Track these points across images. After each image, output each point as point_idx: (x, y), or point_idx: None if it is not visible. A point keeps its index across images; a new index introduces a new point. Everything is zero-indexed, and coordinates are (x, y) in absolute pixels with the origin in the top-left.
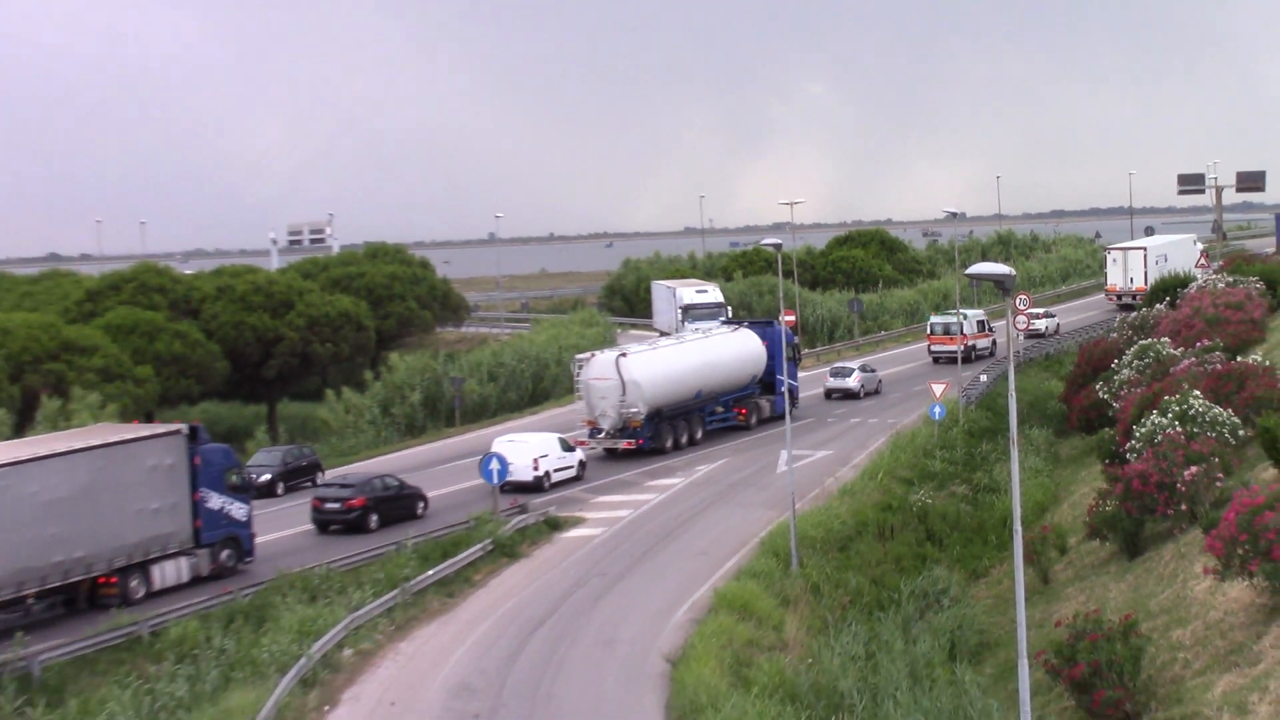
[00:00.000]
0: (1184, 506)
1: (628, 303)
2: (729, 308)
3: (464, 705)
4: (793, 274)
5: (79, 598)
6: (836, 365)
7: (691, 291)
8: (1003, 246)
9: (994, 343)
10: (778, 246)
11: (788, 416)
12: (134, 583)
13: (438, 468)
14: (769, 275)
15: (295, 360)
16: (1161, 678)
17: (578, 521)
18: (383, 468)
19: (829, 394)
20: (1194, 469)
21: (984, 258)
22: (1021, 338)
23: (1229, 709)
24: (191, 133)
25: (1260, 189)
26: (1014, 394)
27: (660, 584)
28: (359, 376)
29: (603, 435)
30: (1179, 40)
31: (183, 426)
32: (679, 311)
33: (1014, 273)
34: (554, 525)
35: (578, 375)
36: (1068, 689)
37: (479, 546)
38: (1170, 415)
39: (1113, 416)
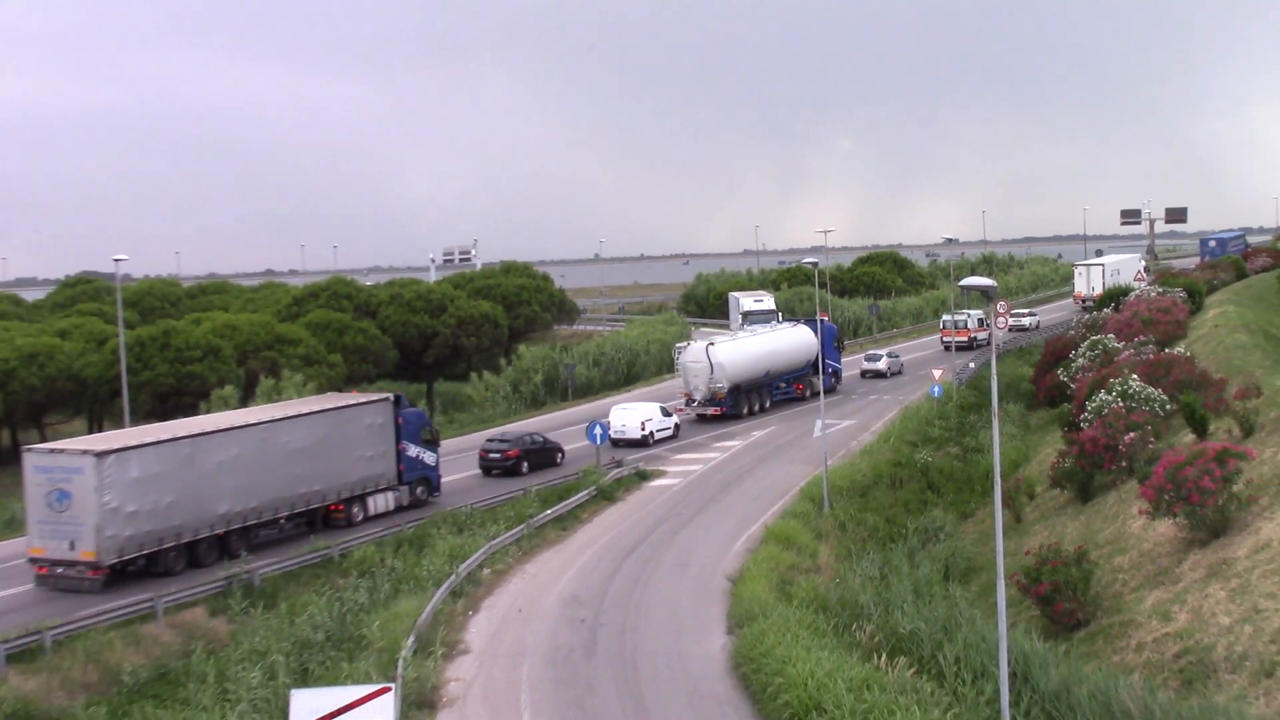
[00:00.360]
0: (1124, 463)
1: (700, 307)
2: (780, 313)
3: (574, 612)
4: (825, 285)
5: (316, 520)
6: (869, 352)
7: (750, 300)
8: (987, 264)
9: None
10: (814, 264)
11: (821, 395)
12: (355, 510)
13: (556, 430)
14: (808, 286)
15: (447, 350)
16: (1106, 593)
17: (660, 474)
18: (517, 431)
19: (864, 374)
20: (1132, 435)
21: (972, 273)
22: (1005, 331)
23: (1156, 617)
24: (370, 177)
25: (1183, 221)
26: (996, 377)
27: (723, 522)
28: (495, 363)
29: (696, 404)
30: (1120, 105)
31: (390, 395)
32: (740, 316)
33: (996, 284)
34: (642, 476)
35: (677, 358)
36: (1034, 602)
37: (585, 492)
38: (1114, 393)
39: (1070, 394)
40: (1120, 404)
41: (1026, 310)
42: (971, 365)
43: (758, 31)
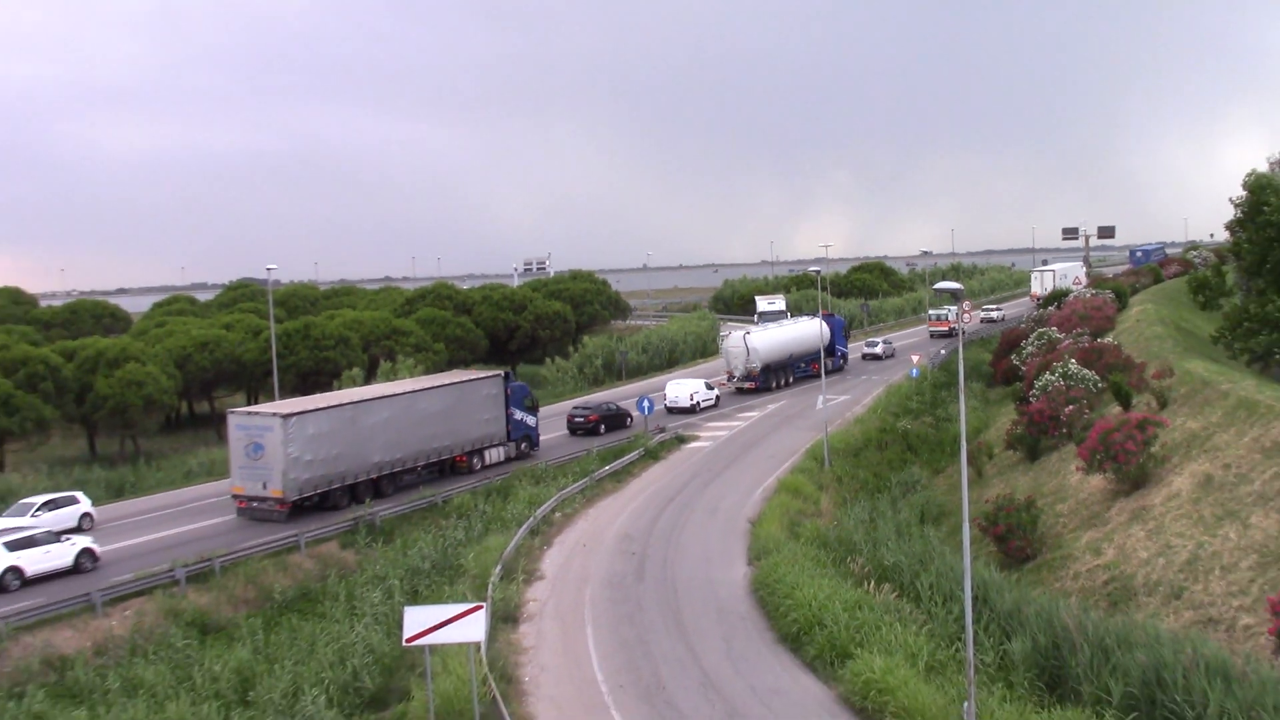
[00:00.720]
0: (1065, 430)
1: (727, 306)
2: (788, 311)
3: (627, 546)
4: (826, 288)
5: (445, 468)
6: (869, 339)
7: (765, 302)
8: (955, 271)
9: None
10: (818, 272)
11: (823, 375)
12: (475, 460)
13: (614, 403)
14: (812, 289)
15: (527, 340)
16: (1049, 534)
17: (695, 438)
18: (597, 400)
19: (864, 357)
20: (1071, 407)
21: (944, 278)
22: (979, 322)
23: (1089, 552)
24: (466, 202)
25: (1112, 237)
26: (963, 361)
27: (745, 476)
28: (565, 350)
29: (735, 380)
30: (1056, 144)
31: (501, 372)
32: (758, 315)
33: (962, 287)
34: (681, 440)
35: (721, 343)
36: (992, 540)
37: (636, 453)
38: (1057, 374)
39: (1021, 375)
40: (1061, 383)
41: (995, 306)
42: (942, 352)
43: (772, 85)
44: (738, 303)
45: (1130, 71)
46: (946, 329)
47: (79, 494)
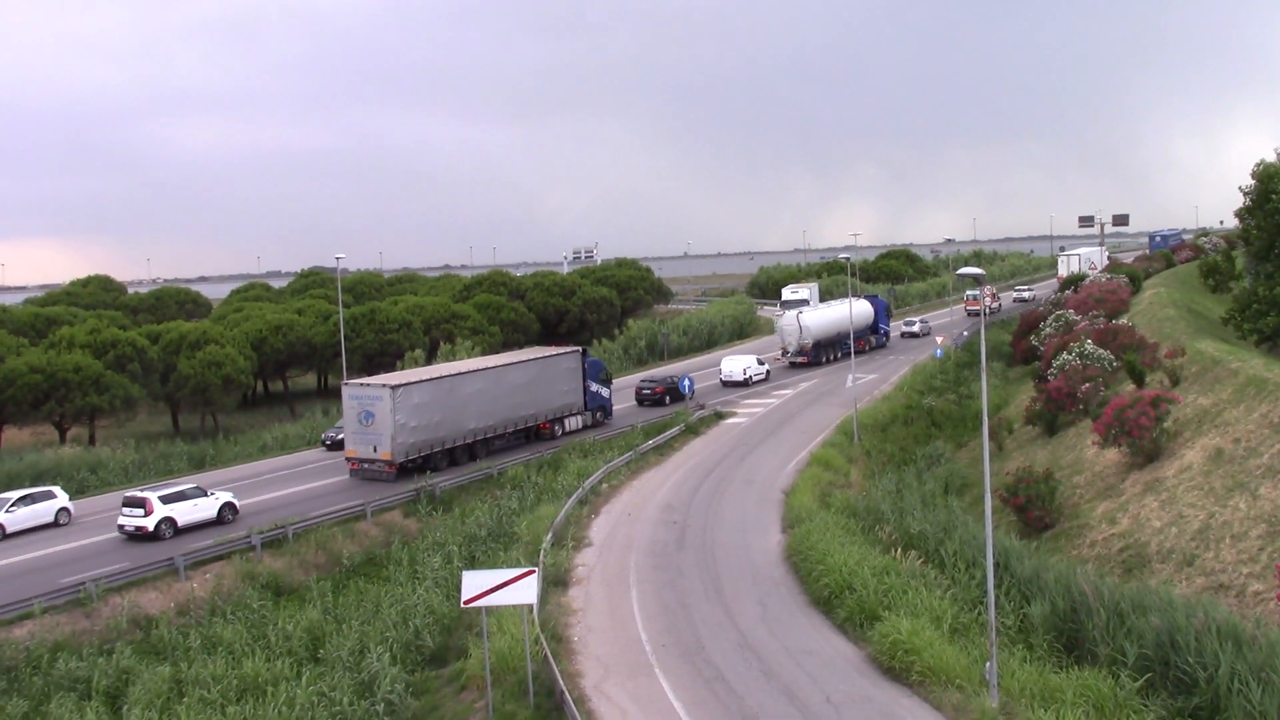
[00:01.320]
0: (1081, 406)
1: (762, 292)
2: (812, 300)
3: (669, 516)
4: (855, 274)
5: (530, 435)
6: (907, 319)
7: (789, 291)
8: (977, 258)
9: (1000, 305)
10: (847, 259)
11: (852, 357)
12: (556, 428)
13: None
14: (842, 275)
15: (576, 323)
16: (1067, 504)
17: (732, 415)
18: (661, 374)
19: (903, 335)
20: (1087, 385)
21: (966, 264)
22: (1012, 301)
23: (1105, 521)
24: (519, 196)
25: (1126, 224)
26: (984, 342)
27: (779, 449)
28: (611, 332)
29: (789, 355)
30: (1076, 133)
31: (580, 348)
32: (781, 303)
33: (984, 273)
34: (720, 416)
35: (777, 322)
36: (1012, 510)
37: (677, 428)
38: (1073, 354)
39: (1040, 355)
40: (1078, 362)
41: (1026, 287)
42: (965, 334)
43: (803, 84)
44: (773, 288)
45: (1142, 65)
46: (977, 309)
47: (56, 489)
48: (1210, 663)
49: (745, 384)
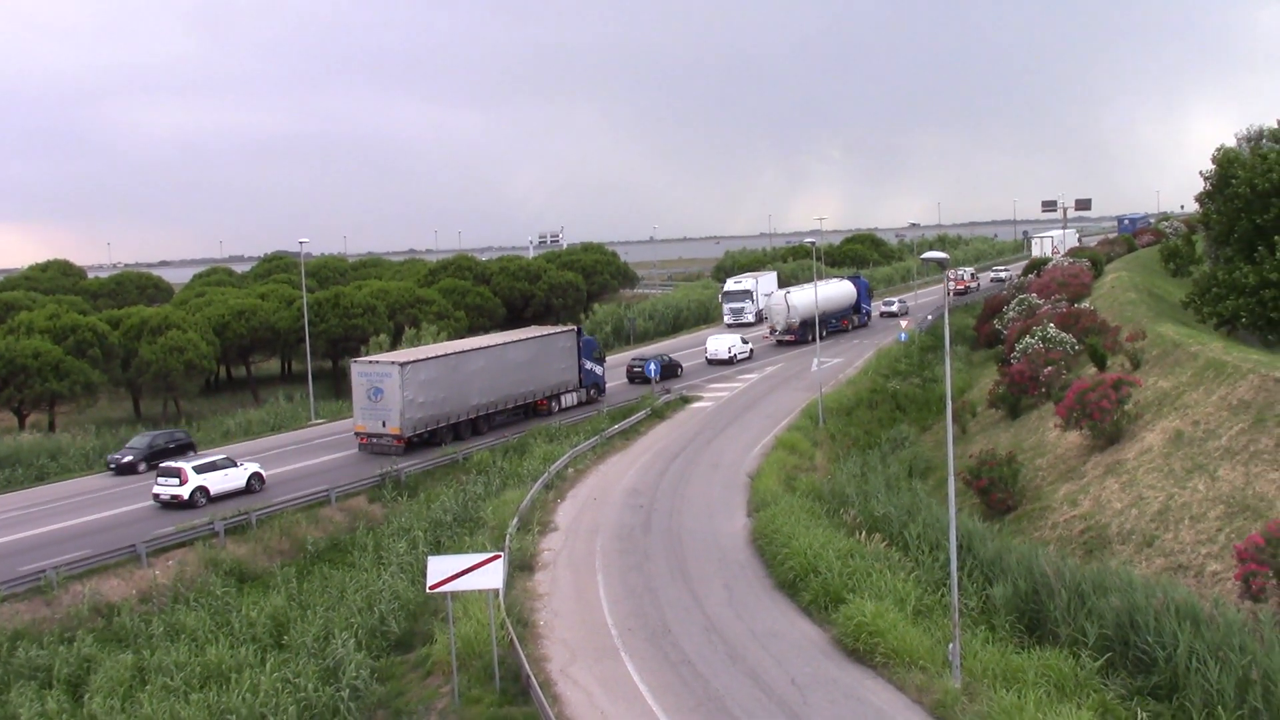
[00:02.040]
0: (1043, 390)
1: (728, 275)
2: (757, 291)
3: (635, 500)
4: (821, 258)
5: (529, 411)
6: (885, 299)
7: (731, 282)
8: (941, 242)
9: (979, 285)
10: (813, 243)
11: (816, 341)
12: (553, 404)
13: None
14: (808, 260)
15: (542, 308)
16: (1029, 486)
17: (699, 399)
18: (653, 352)
19: (882, 314)
20: (1049, 368)
21: (930, 249)
22: (990, 281)
23: (1066, 503)
24: (485, 180)
25: (1089, 209)
26: (948, 326)
27: (745, 433)
28: (577, 317)
29: (777, 333)
30: (1038, 118)
31: (575, 327)
32: (722, 294)
33: (949, 257)
34: (686, 400)
35: (765, 303)
36: (976, 493)
37: (643, 412)
38: (1036, 337)
39: (1003, 339)
40: (1041, 345)
41: (1003, 267)
42: (929, 317)
43: (770, 70)
44: (739, 272)
45: (1104, 51)
46: (963, 288)
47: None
48: (1169, 642)
49: (730, 362)
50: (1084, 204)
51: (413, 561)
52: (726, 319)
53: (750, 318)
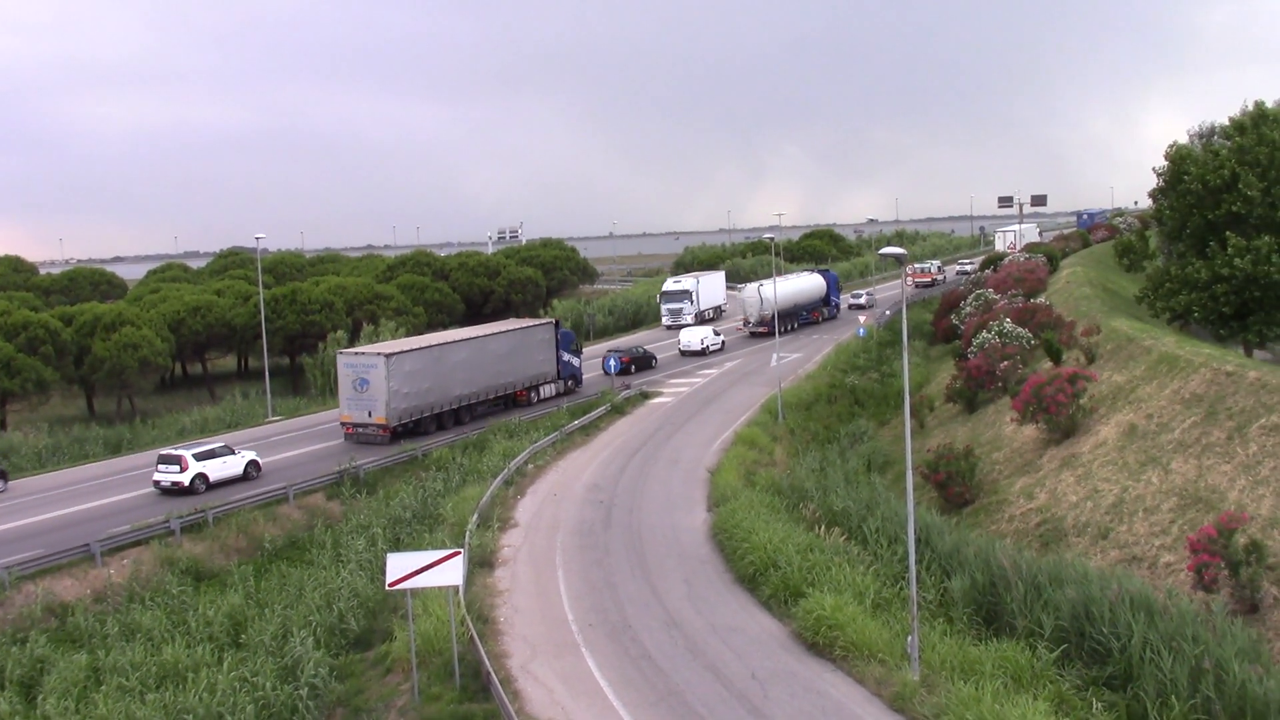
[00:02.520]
0: (1000, 384)
1: (687, 271)
2: (697, 291)
3: (595, 495)
4: (780, 254)
5: (509, 402)
6: (854, 292)
7: (671, 282)
8: (899, 238)
9: (945, 278)
10: (772, 239)
11: (776, 336)
12: (532, 394)
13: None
14: (767, 255)
15: (501, 304)
16: (986, 479)
17: (658, 394)
18: (627, 344)
19: (850, 306)
20: (1005, 363)
21: (888, 244)
22: (955, 274)
23: (1023, 496)
24: (444, 174)
25: (1044, 205)
26: (906, 321)
27: (704, 429)
28: (537, 312)
29: (750, 325)
30: (988, 119)
31: (553, 320)
32: (660, 294)
33: (906, 252)
34: (645, 396)
35: (739, 295)
36: (934, 486)
37: (603, 408)
38: (993, 332)
39: (960, 334)
40: (997, 340)
41: (969, 260)
42: (887, 313)
43: (727, 67)
44: (698, 268)
45: (1056, 48)
46: (929, 280)
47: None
48: (1124, 633)
49: (703, 353)
50: (1039, 200)
51: (372, 559)
52: (665, 320)
53: (689, 319)
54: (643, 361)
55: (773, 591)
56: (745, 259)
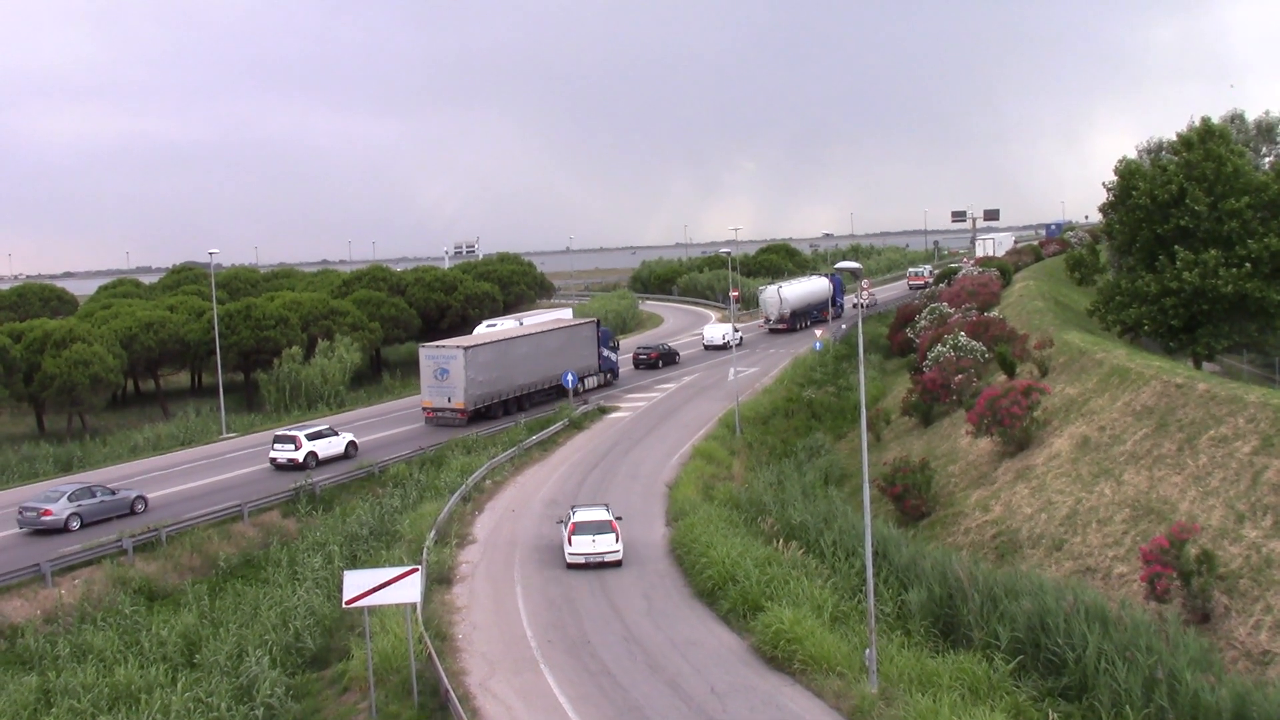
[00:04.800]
0: (955, 397)
1: (645, 286)
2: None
3: (554, 511)
4: (736, 268)
5: (559, 390)
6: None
7: (484, 325)
8: (854, 252)
9: (935, 280)
10: (728, 253)
11: (734, 348)
12: (579, 385)
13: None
14: (723, 270)
15: (458, 319)
16: (942, 492)
17: (616, 409)
18: (655, 341)
19: (854, 306)
20: (960, 376)
21: (844, 258)
22: (922, 283)
23: (978, 509)
24: (399, 189)
25: (997, 219)
26: (862, 335)
27: (662, 443)
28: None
29: (770, 323)
30: (940, 134)
31: (595, 319)
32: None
33: (861, 267)
34: (603, 411)
35: (759, 295)
36: (890, 499)
37: (561, 423)
38: (947, 346)
39: (915, 347)
40: (952, 354)
41: (927, 271)
42: (843, 326)
43: (681, 80)
44: (655, 283)
45: (1007, 65)
46: (923, 283)
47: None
48: (1079, 644)
49: (725, 348)
50: (992, 214)
51: (328, 576)
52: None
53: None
54: (668, 357)
55: (731, 605)
56: (702, 273)
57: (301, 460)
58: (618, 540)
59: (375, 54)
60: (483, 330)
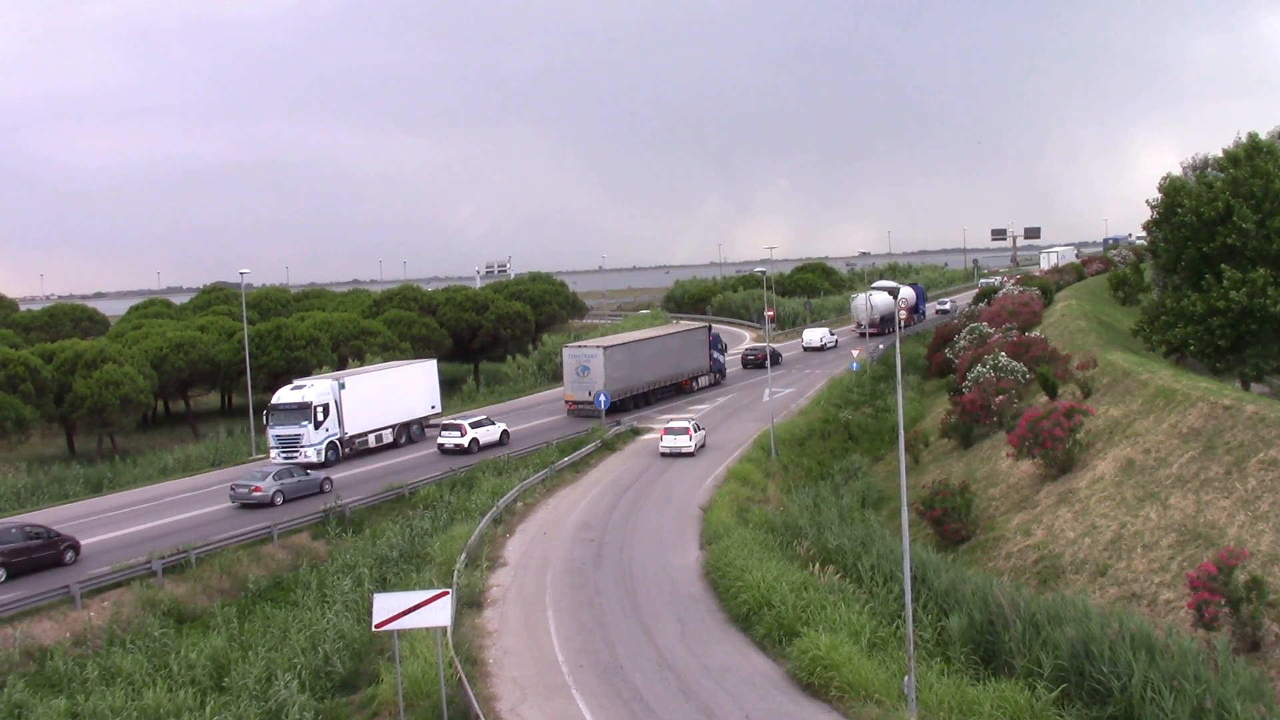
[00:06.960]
0: (995, 419)
1: (678, 305)
2: (331, 404)
3: (585, 534)
4: (771, 287)
5: (676, 389)
6: (939, 300)
7: (286, 390)
8: (892, 271)
9: (974, 300)
10: (763, 272)
11: (768, 367)
12: (693, 384)
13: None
14: (758, 289)
15: (489, 339)
16: (982, 516)
17: (649, 430)
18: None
19: (938, 312)
20: (1001, 397)
21: (881, 277)
22: (934, 313)
23: (1020, 533)
24: (430, 209)
25: (1038, 237)
26: (900, 355)
27: (696, 465)
28: (525, 348)
29: (862, 327)
30: (986, 150)
31: (708, 324)
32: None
33: (899, 286)
34: (636, 432)
35: (851, 302)
36: (929, 523)
37: (593, 444)
38: (988, 366)
39: (954, 367)
40: (992, 374)
41: (947, 299)
42: (880, 346)
43: (716, 100)
44: (689, 302)
45: (1047, 80)
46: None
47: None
48: (1124, 672)
49: (821, 349)
50: (1033, 232)
51: (358, 599)
52: (272, 450)
53: (313, 454)
54: (774, 357)
55: (766, 631)
56: (736, 293)
57: (466, 445)
58: (690, 439)
59: (407, 73)
60: (328, 384)
